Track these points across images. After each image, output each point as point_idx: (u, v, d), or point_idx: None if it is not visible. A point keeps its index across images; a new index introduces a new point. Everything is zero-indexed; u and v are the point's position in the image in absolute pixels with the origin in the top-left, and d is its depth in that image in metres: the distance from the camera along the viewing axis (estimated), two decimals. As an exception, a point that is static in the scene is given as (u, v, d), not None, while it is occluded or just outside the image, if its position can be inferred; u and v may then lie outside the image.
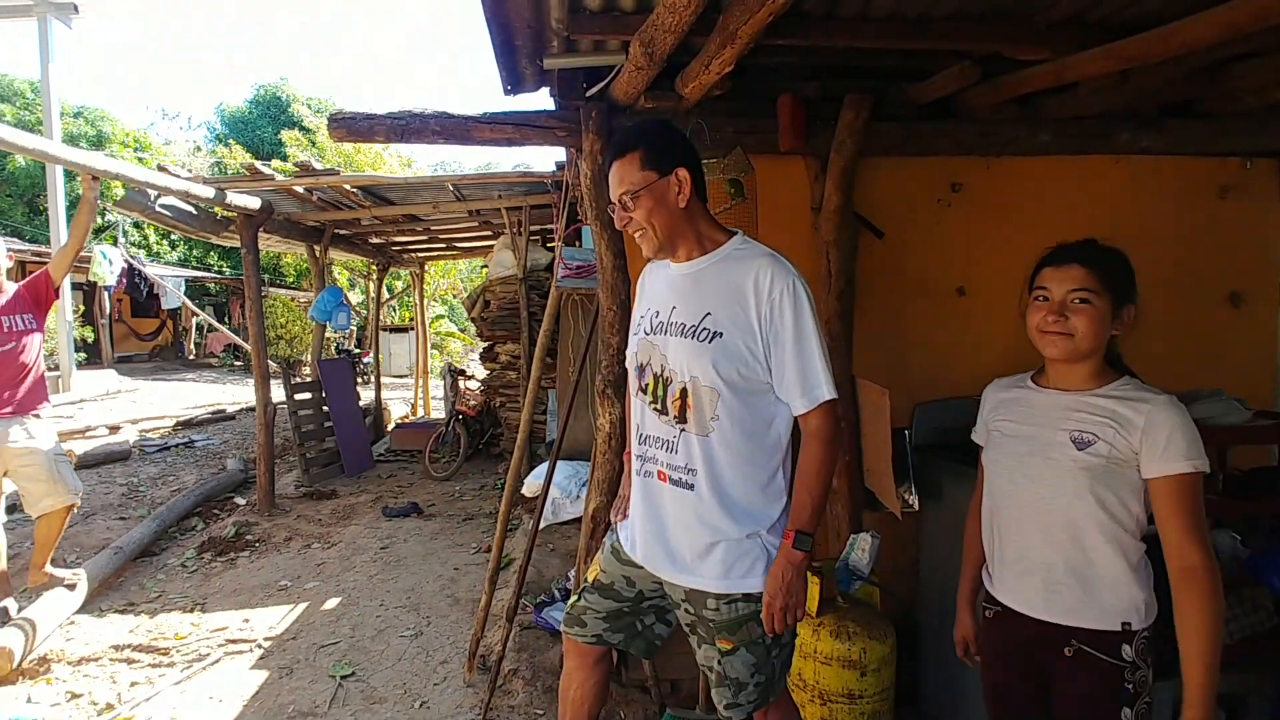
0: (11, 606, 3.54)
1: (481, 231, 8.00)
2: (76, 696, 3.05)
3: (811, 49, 2.45)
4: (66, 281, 5.33)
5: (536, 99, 2.95)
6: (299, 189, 5.69)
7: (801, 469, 1.63)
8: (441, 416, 9.21)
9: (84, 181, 3.78)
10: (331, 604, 4.04)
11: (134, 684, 3.17)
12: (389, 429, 9.19)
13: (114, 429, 8.60)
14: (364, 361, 11.45)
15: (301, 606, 4.01)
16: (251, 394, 6.71)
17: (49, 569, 3.79)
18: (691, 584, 1.66)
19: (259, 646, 3.53)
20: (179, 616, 3.87)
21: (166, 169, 4.89)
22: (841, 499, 2.77)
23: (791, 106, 2.67)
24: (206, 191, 4.97)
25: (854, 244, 2.82)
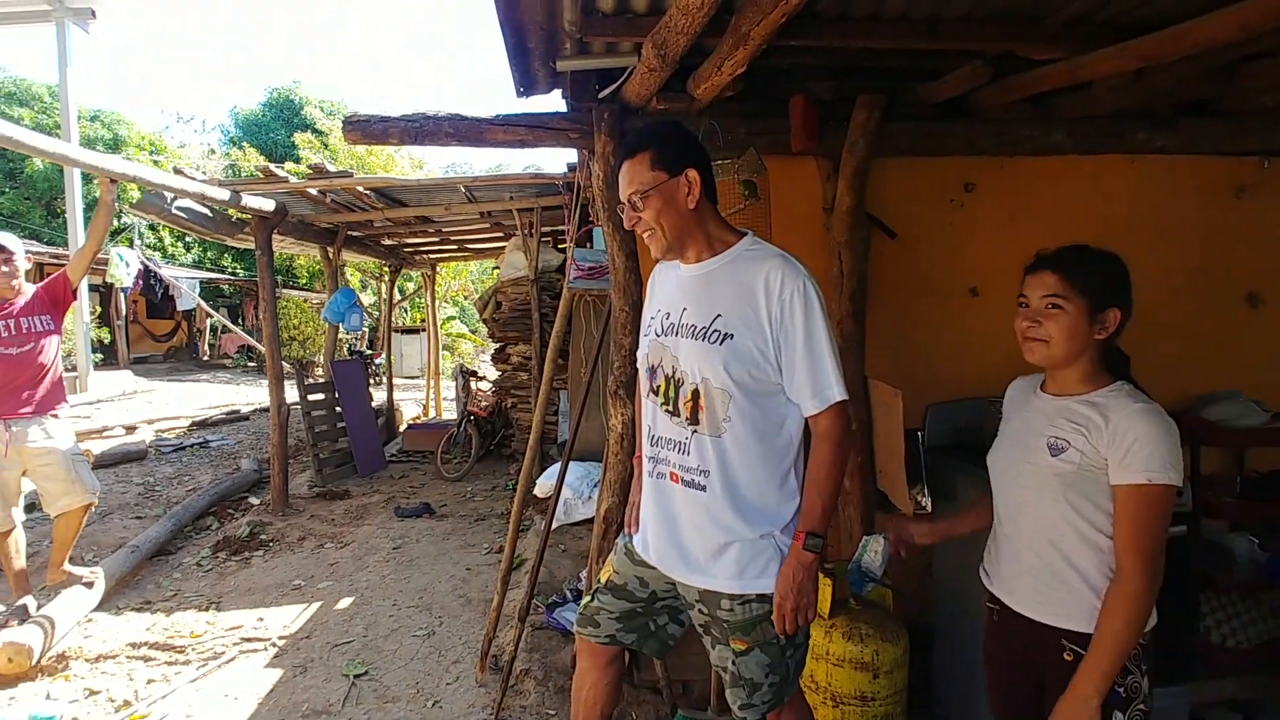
0: (31, 604, 3.58)
1: (493, 233, 8.03)
2: (94, 693, 3.09)
3: (824, 49, 2.45)
4: (84, 283, 5.39)
5: (549, 101, 2.97)
6: (313, 191, 5.74)
7: (812, 470, 1.63)
8: (453, 417, 9.24)
9: (101, 184, 3.82)
10: (345, 603, 4.07)
11: (150, 681, 3.20)
12: (401, 430, 9.23)
13: (130, 429, 8.71)
14: (376, 362, 11.49)
15: (315, 606, 4.03)
16: (265, 395, 6.76)
17: (67, 567, 3.85)
18: (705, 585, 1.66)
19: (273, 645, 3.56)
20: (194, 615, 3.90)
21: (182, 171, 4.92)
22: (853, 500, 2.76)
23: (804, 107, 2.66)
24: (222, 194, 5.01)
25: (866, 245, 2.82)
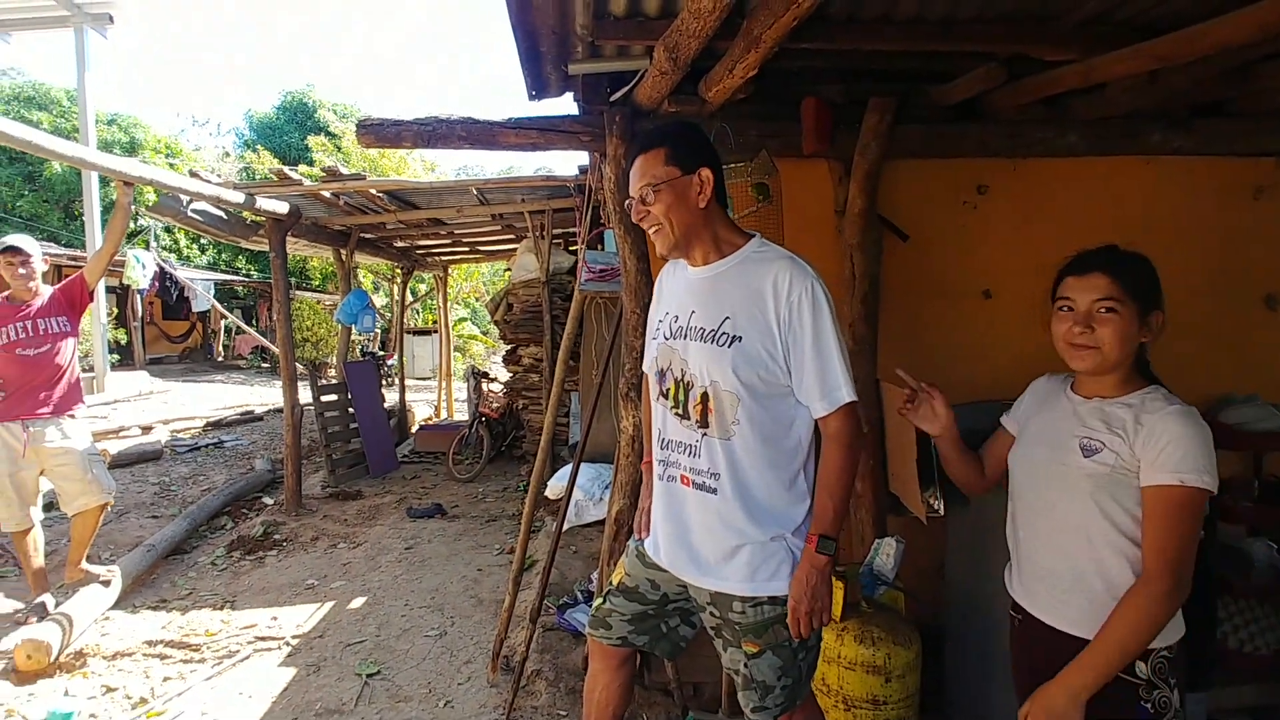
0: (49, 602, 3.63)
1: (504, 235, 8.06)
2: (111, 690, 3.12)
3: (835, 52, 2.45)
4: (101, 285, 5.45)
5: (561, 104, 2.98)
6: (326, 194, 5.78)
7: (822, 473, 1.63)
8: (465, 419, 9.28)
9: (118, 187, 3.87)
10: (357, 603, 4.09)
11: (166, 679, 3.24)
12: (413, 431, 9.27)
13: (146, 429, 8.80)
14: (388, 364, 11.55)
15: (328, 605, 4.06)
16: (278, 395, 6.82)
17: (85, 566, 3.89)
18: (717, 587, 1.66)
19: (287, 644, 3.58)
20: (209, 613, 3.94)
21: (198, 174, 4.96)
22: (865, 503, 2.75)
23: (815, 109, 2.66)
24: (237, 196, 5.06)
25: (878, 247, 2.81)
